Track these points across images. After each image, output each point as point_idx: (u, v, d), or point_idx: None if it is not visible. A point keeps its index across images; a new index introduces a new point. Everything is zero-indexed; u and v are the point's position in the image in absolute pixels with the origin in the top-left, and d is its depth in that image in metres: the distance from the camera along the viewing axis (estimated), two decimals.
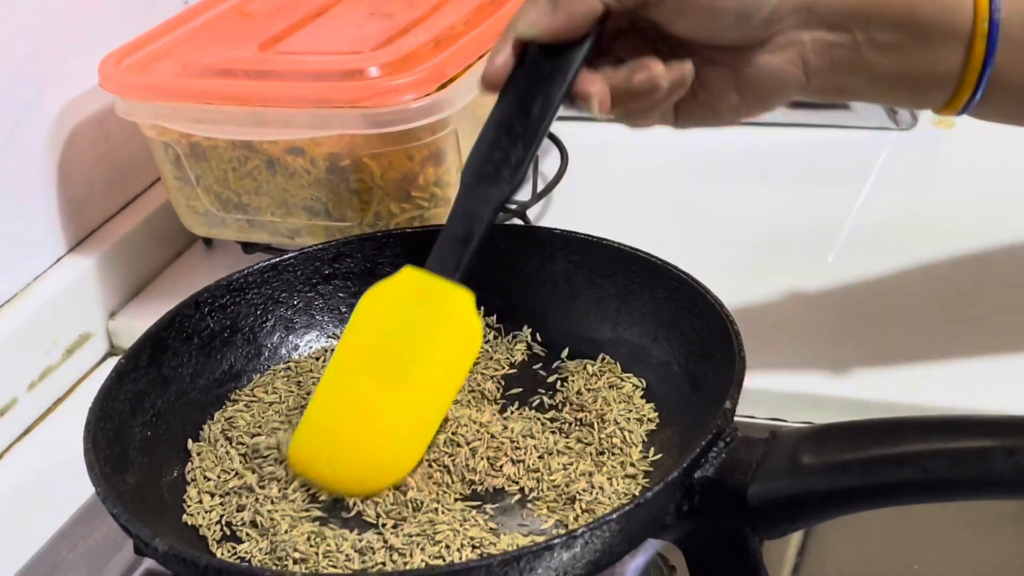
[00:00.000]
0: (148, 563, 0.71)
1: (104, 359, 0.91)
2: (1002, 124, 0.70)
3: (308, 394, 0.69)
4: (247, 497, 0.61)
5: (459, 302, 0.63)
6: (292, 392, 0.69)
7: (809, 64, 0.65)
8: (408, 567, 0.56)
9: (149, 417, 0.65)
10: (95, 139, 0.92)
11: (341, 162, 0.81)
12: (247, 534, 0.59)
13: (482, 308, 0.72)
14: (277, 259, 0.72)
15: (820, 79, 0.66)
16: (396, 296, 0.64)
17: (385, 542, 0.57)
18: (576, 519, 0.59)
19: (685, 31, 0.64)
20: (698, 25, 0.64)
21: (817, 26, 0.64)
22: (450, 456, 0.63)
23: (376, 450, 0.62)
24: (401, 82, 0.79)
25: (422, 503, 0.60)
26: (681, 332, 0.66)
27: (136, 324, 0.71)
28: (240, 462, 0.64)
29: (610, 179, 1.01)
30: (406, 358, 0.63)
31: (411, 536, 0.57)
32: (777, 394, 0.76)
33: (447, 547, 0.57)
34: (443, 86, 0.80)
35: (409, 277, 0.64)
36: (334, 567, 0.56)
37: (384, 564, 0.56)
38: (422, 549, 0.56)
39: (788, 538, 0.68)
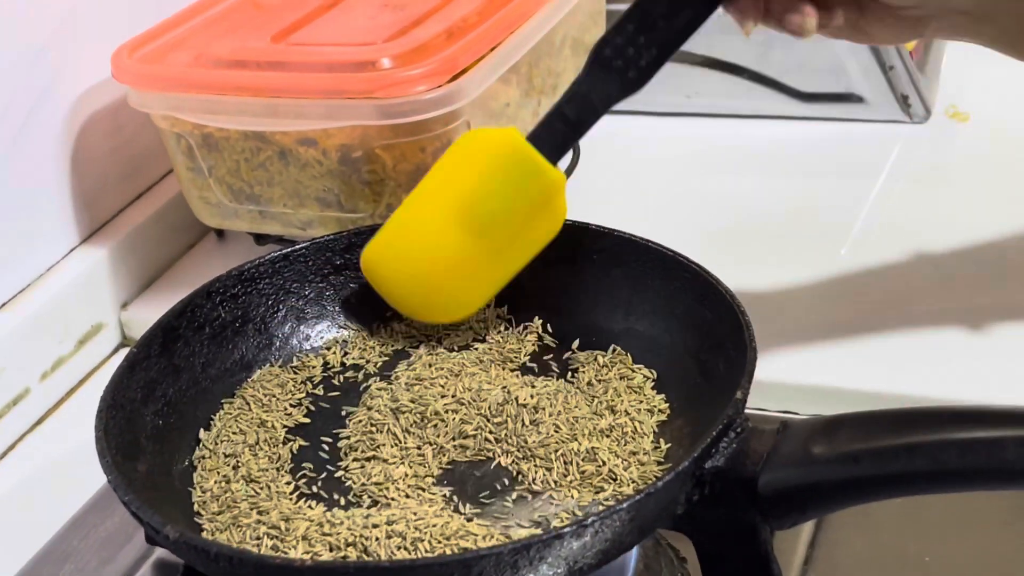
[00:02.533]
0: (160, 551, 0.72)
1: (116, 350, 0.91)
2: None
3: (310, 381, 0.69)
4: (252, 486, 0.62)
5: (555, 184, 0.66)
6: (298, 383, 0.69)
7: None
8: (419, 552, 0.56)
9: (160, 406, 0.65)
10: (108, 130, 0.92)
11: (353, 153, 0.81)
12: (253, 522, 0.60)
13: (493, 299, 0.72)
14: (289, 249, 0.72)
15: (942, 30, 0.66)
16: (498, 154, 0.66)
17: (391, 525, 0.57)
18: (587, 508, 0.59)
19: None
20: None
21: None
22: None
23: (445, 287, 0.68)
24: (413, 73, 0.78)
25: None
26: (693, 323, 0.66)
27: (148, 315, 0.71)
28: (248, 452, 0.64)
29: (623, 171, 1.01)
30: (496, 220, 0.66)
31: (421, 524, 0.57)
32: (789, 386, 0.76)
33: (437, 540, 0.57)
34: (455, 77, 0.79)
35: (513, 141, 0.66)
36: (340, 553, 0.56)
37: (394, 549, 0.56)
38: (429, 538, 0.57)
39: (799, 529, 0.68)
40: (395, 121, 0.79)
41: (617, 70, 0.63)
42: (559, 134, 0.65)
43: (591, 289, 0.71)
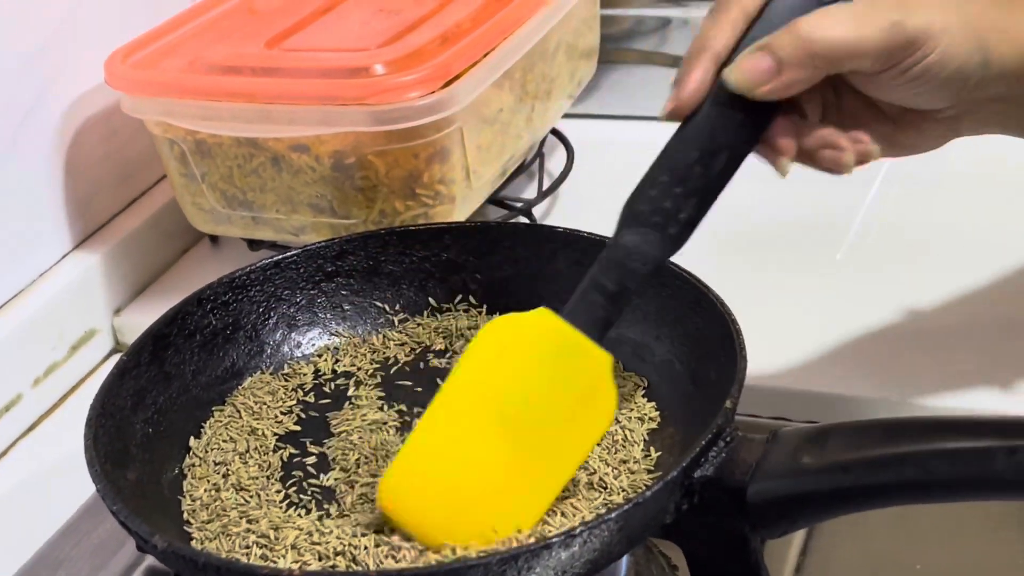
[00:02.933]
0: (151, 559, 0.71)
1: (109, 356, 0.91)
2: None
3: (301, 389, 0.69)
4: (242, 494, 0.61)
5: (602, 368, 0.57)
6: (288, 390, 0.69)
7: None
8: (407, 562, 0.56)
9: (150, 414, 0.65)
10: (101, 136, 0.92)
11: (346, 159, 0.81)
12: (243, 530, 0.59)
13: (485, 307, 0.72)
14: (280, 256, 0.72)
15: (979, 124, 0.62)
16: (531, 341, 0.57)
17: (380, 534, 0.57)
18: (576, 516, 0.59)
19: (886, 98, 0.60)
20: (922, 98, 0.59)
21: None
22: None
23: (492, 509, 0.56)
24: (407, 79, 0.78)
25: None
26: (683, 331, 0.66)
27: (141, 321, 0.71)
28: (238, 460, 0.64)
29: (616, 177, 0.99)
30: (542, 419, 0.57)
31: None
32: (781, 393, 0.76)
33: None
34: (449, 83, 0.79)
35: (548, 323, 0.57)
36: (329, 562, 0.56)
37: (383, 558, 0.56)
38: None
39: (790, 538, 0.68)
40: (388, 127, 0.79)
41: (655, 227, 0.56)
42: (599, 307, 0.56)
43: None
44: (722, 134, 0.57)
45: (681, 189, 0.57)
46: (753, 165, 1.01)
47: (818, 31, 0.55)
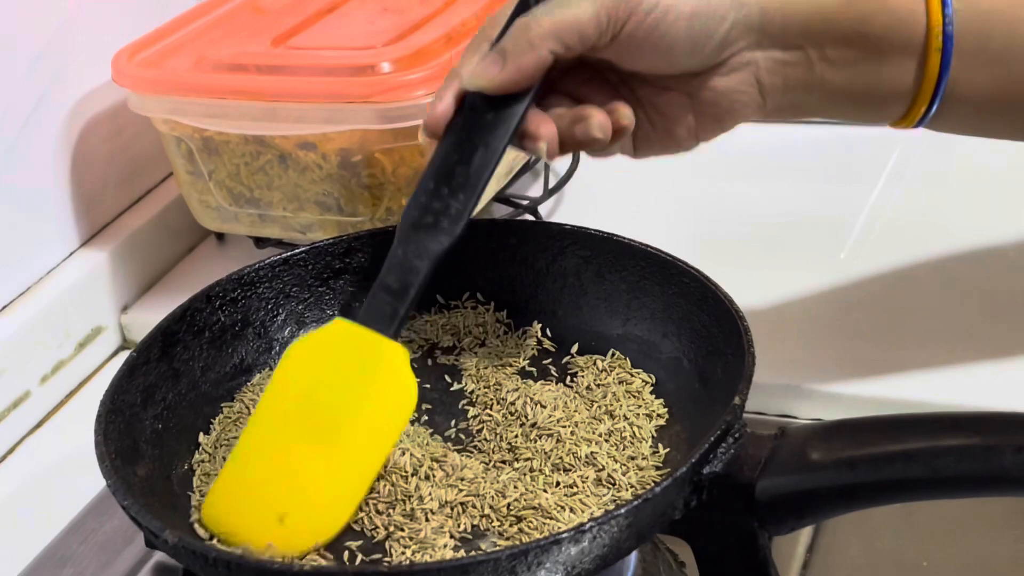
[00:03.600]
0: (159, 556, 0.72)
1: (116, 353, 0.91)
2: (959, 135, 0.69)
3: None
4: None
5: (394, 359, 0.61)
6: None
7: (764, 84, 0.64)
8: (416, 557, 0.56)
9: (160, 410, 0.65)
10: (108, 134, 0.93)
11: (353, 157, 0.81)
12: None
13: (492, 304, 0.73)
14: (288, 253, 0.72)
15: (775, 98, 0.64)
16: (326, 349, 0.61)
17: (388, 534, 0.58)
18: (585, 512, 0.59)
19: (637, 66, 0.63)
20: (651, 60, 0.62)
21: (770, 46, 0.63)
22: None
23: (303, 512, 0.58)
24: (413, 77, 0.79)
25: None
26: (691, 328, 0.66)
27: (148, 318, 0.71)
28: None
29: (621, 175, 1.00)
30: (337, 417, 0.60)
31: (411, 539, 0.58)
32: (788, 390, 0.76)
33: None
34: None
35: (340, 329, 0.61)
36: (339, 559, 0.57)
37: (394, 553, 0.56)
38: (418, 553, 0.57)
39: (798, 535, 0.68)
40: (394, 125, 0.79)
41: (427, 227, 0.61)
42: (386, 304, 0.61)
43: (590, 294, 0.71)
44: (476, 133, 0.62)
45: (447, 188, 0.62)
46: (757, 166, 1.01)
47: (533, 20, 0.61)
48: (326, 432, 0.59)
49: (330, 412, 0.60)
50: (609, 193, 0.98)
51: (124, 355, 0.88)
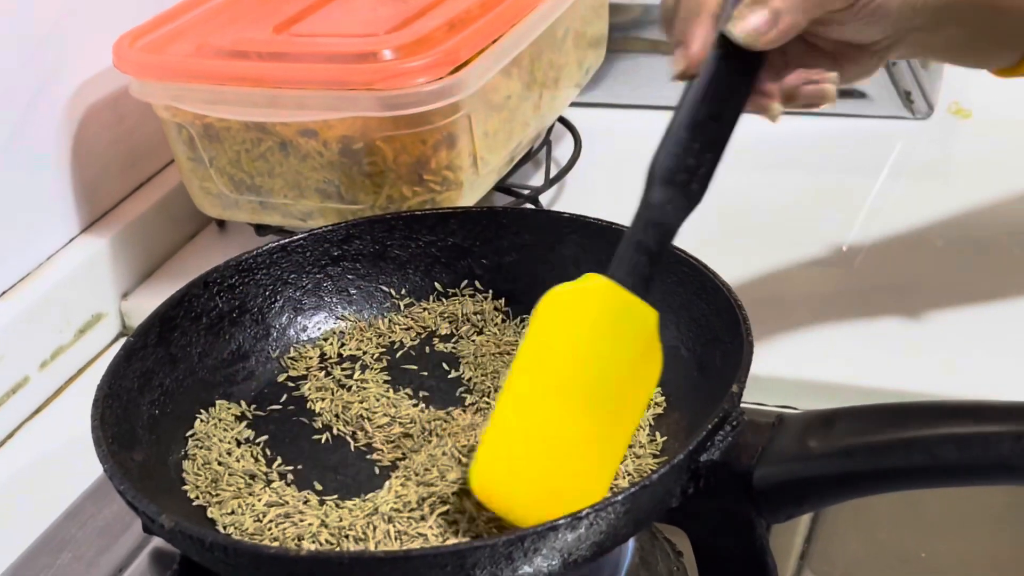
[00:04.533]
0: (157, 541, 0.72)
1: (116, 339, 0.91)
2: None
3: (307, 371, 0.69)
4: (246, 477, 0.62)
5: (652, 324, 0.59)
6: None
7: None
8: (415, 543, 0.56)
9: (157, 396, 0.65)
10: (109, 120, 0.92)
11: (354, 145, 0.81)
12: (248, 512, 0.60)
13: (490, 291, 0.72)
14: (287, 240, 0.72)
15: (901, 51, 0.68)
16: (591, 308, 0.59)
17: (388, 520, 0.57)
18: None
19: (851, 36, 0.65)
20: (862, 31, 0.64)
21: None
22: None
23: (578, 478, 0.57)
24: (414, 65, 0.78)
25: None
26: (690, 317, 0.66)
27: (148, 305, 0.71)
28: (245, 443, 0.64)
29: (623, 165, 1.00)
30: (611, 386, 0.58)
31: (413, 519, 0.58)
32: (787, 381, 0.76)
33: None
34: (457, 69, 0.79)
35: (602, 288, 0.59)
36: (337, 544, 0.56)
37: (392, 539, 0.56)
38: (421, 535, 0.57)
39: (795, 525, 0.68)
40: (396, 113, 0.79)
41: (680, 185, 0.59)
42: (643, 266, 0.59)
43: None
44: (727, 86, 0.60)
45: (699, 144, 0.59)
46: (760, 157, 1.01)
47: None
48: (601, 403, 0.58)
49: (604, 381, 0.58)
50: (611, 183, 0.97)
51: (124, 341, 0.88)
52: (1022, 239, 0.87)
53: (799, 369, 0.77)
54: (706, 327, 0.64)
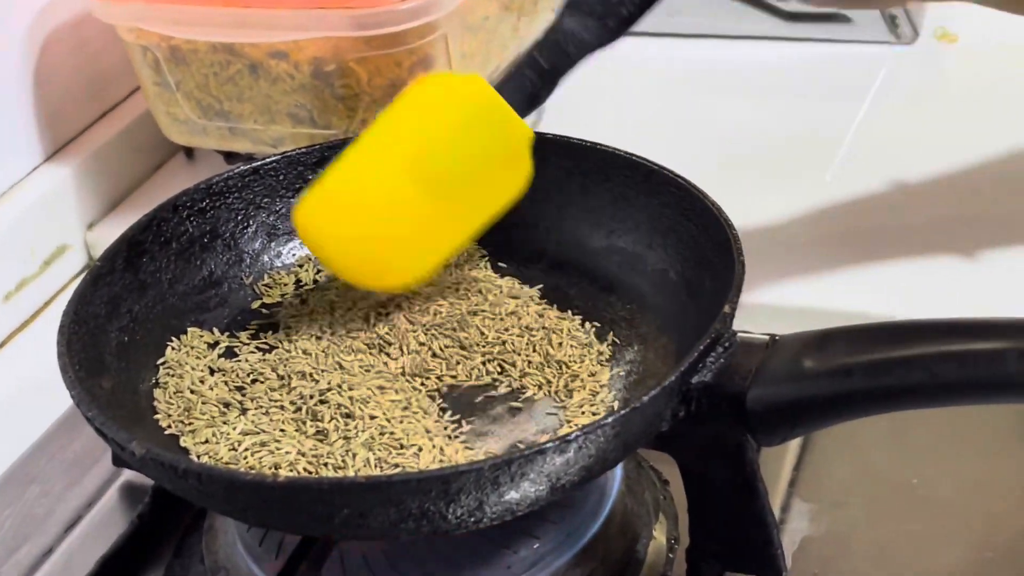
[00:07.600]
0: (127, 474, 0.70)
1: (82, 271, 0.88)
2: None
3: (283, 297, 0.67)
4: (220, 405, 0.60)
5: (523, 139, 0.61)
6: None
7: None
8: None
9: (126, 322, 0.62)
10: (72, 45, 0.90)
11: (326, 67, 0.78)
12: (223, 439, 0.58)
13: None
14: (258, 163, 0.69)
15: None
16: (461, 102, 0.61)
17: (368, 447, 0.56)
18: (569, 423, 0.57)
19: None
20: None
21: None
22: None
23: (396, 249, 0.60)
24: None
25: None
26: (678, 238, 0.64)
27: (114, 236, 0.68)
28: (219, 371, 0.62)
29: (601, 94, 0.98)
30: (454, 172, 0.60)
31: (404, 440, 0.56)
32: (774, 308, 0.75)
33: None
34: None
35: (479, 88, 0.61)
36: (317, 471, 0.55)
37: (373, 465, 0.54)
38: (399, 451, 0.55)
39: (784, 450, 0.66)
40: (369, 32, 0.76)
41: (597, 16, 0.60)
42: (529, 83, 0.61)
43: (573, 205, 0.68)
44: None
45: None
46: (742, 85, 0.99)
47: None
48: (439, 183, 0.60)
49: (447, 165, 0.60)
50: (588, 112, 0.95)
51: None
52: (1007, 164, 0.85)
53: (786, 296, 0.75)
54: (695, 248, 0.63)
